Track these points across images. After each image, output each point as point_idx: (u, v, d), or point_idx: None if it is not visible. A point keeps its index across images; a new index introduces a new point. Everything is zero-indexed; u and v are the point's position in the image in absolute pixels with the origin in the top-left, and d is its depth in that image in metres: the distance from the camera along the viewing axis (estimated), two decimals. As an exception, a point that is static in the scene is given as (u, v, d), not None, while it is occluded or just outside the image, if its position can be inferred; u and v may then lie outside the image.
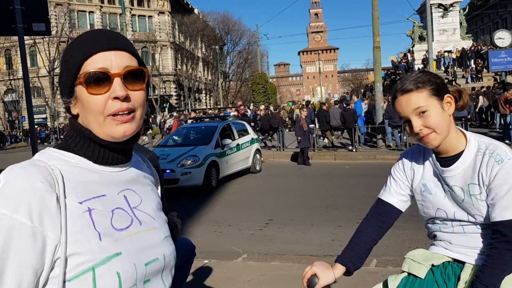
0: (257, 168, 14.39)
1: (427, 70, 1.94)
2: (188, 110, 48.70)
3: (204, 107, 67.84)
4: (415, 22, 35.92)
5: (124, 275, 1.08)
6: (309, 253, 6.04)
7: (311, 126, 18.83)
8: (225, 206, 9.78)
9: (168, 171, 10.74)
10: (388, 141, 17.41)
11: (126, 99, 1.13)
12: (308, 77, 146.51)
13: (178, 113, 39.42)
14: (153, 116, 43.17)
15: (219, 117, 16.61)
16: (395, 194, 2.06)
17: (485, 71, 27.61)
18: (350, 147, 17.44)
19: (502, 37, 23.79)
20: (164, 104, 58.28)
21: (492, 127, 20.86)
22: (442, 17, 33.30)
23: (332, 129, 18.36)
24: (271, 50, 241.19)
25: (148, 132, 21.64)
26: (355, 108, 18.80)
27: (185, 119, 27.68)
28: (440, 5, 32.96)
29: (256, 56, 57.72)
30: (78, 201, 1.09)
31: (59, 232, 1.03)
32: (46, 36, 46.68)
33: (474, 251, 1.86)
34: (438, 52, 31.30)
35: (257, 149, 14.63)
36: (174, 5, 70.88)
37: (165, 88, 65.77)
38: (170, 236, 1.29)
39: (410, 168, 2.04)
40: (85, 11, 61.76)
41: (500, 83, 23.85)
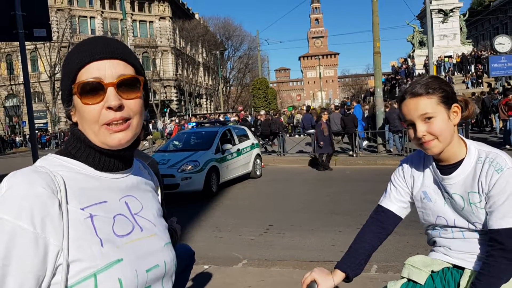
0: (258, 173, 14.37)
1: (437, 75, 1.95)
2: (188, 115, 48.78)
3: (205, 112, 67.92)
4: (415, 28, 36.00)
5: (125, 282, 1.08)
6: (309, 258, 6.02)
7: (312, 131, 18.84)
8: (225, 211, 9.76)
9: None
10: (389, 146, 17.40)
11: (120, 108, 1.13)
12: (308, 82, 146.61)
13: (179, 118, 39.44)
14: (154, 121, 43.23)
15: (219, 122, 16.62)
16: (395, 201, 2.06)
17: (485, 76, 27.63)
18: (351, 152, 17.45)
19: (502, 43, 23.82)
20: (165, 109, 58.32)
21: (484, 131, 20.88)
22: (442, 22, 33.37)
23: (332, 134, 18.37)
24: (271, 55, 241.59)
25: (148, 137, 21.63)
26: (354, 113, 18.81)
27: (185, 124, 27.68)
28: (440, 11, 33.04)
29: (257, 61, 57.82)
30: (80, 207, 1.09)
31: (61, 238, 1.03)
32: (47, 42, 46.77)
33: (473, 257, 1.86)
34: (438, 57, 31.34)
35: (258, 154, 14.62)
36: (175, 10, 71.07)
37: (165, 93, 65.84)
38: (170, 242, 1.29)
39: (410, 175, 2.04)
40: (86, 17, 61.91)
41: (493, 89, 23.91)
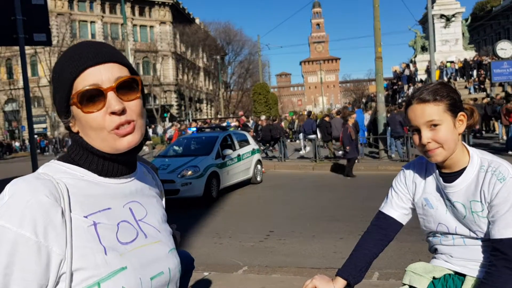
0: (258, 179, 14.34)
1: (445, 82, 1.92)
2: (189, 120, 48.81)
3: (205, 117, 68.00)
4: (417, 33, 36.04)
5: None
6: (311, 265, 5.98)
7: (313, 136, 18.82)
8: (225, 217, 9.73)
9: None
10: (391, 152, 17.36)
11: (123, 111, 1.12)
12: (309, 87, 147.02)
13: (179, 123, 39.47)
14: (154, 126, 43.27)
15: (219, 127, 16.61)
16: (396, 207, 2.06)
17: (488, 82, 27.63)
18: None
19: (504, 48, 23.81)
20: (165, 114, 58.39)
21: (482, 137, 20.88)
22: (445, 27, 33.40)
23: (333, 139, 18.35)
24: (272, 60, 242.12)
25: (147, 142, 21.65)
26: (356, 119, 18.78)
27: (186, 129, 27.69)
28: (442, 16, 33.09)
29: (258, 66, 57.83)
30: (84, 215, 1.08)
31: (64, 247, 1.02)
32: (47, 46, 46.91)
33: (475, 264, 1.86)
34: (440, 63, 31.36)
35: (258, 160, 14.59)
36: (175, 15, 71.33)
37: (166, 98, 65.98)
38: (175, 248, 1.29)
39: (412, 182, 2.03)
40: (86, 21, 62.15)
41: (488, 96, 23.98)
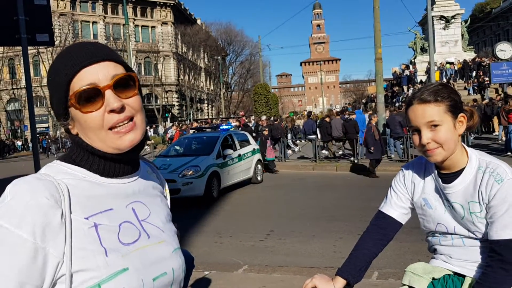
0: (259, 179, 14.36)
1: (446, 83, 1.91)
2: (190, 120, 48.77)
3: (206, 117, 67.95)
4: (417, 34, 36.03)
5: None
6: (311, 265, 6.00)
7: (313, 137, 18.83)
8: (226, 216, 9.75)
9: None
10: (390, 152, 17.38)
11: (122, 109, 1.11)
12: (310, 88, 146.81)
13: (180, 123, 39.46)
14: (155, 126, 43.23)
15: (212, 128, 16.81)
16: (395, 207, 2.06)
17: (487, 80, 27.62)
18: (352, 158, 17.42)
19: (503, 49, 23.80)
20: (166, 114, 58.37)
21: (481, 137, 20.90)
22: (444, 29, 33.41)
23: (333, 140, 18.36)
24: (273, 61, 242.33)
25: (148, 142, 21.64)
26: (355, 119, 18.79)
27: (187, 129, 27.70)
28: (441, 17, 33.09)
29: (258, 66, 57.81)
30: (84, 217, 1.07)
31: (62, 249, 1.02)
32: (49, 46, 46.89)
33: (474, 264, 1.86)
34: (440, 64, 31.35)
35: (259, 160, 14.61)
36: (177, 16, 71.32)
37: (167, 98, 65.96)
38: (179, 248, 1.27)
39: (411, 182, 2.03)
40: (88, 22, 62.17)
41: (489, 99, 23.98)
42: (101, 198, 1.13)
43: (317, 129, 19.50)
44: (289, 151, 21.19)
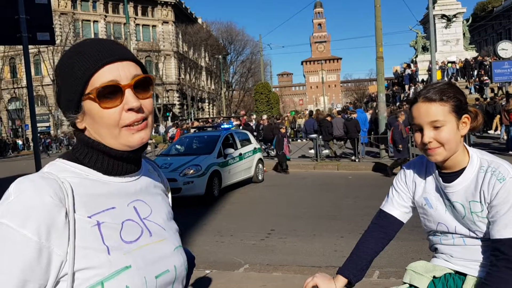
0: (260, 178, 14.37)
1: (453, 82, 1.91)
2: (191, 119, 48.78)
3: (207, 116, 67.99)
4: (418, 33, 35.97)
5: None
6: (311, 264, 6.01)
7: (314, 136, 18.82)
8: (227, 215, 9.75)
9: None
10: (391, 151, 17.35)
11: (140, 109, 1.13)
12: (311, 87, 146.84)
13: (181, 122, 39.46)
14: (156, 125, 43.20)
15: (212, 127, 16.78)
16: (397, 206, 2.06)
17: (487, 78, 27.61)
18: (353, 157, 17.42)
19: (505, 48, 23.81)
20: (167, 113, 58.38)
21: (482, 136, 20.90)
22: (445, 27, 33.35)
23: (335, 139, 18.36)
24: (274, 60, 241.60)
25: (149, 141, 21.67)
26: (356, 118, 18.78)
27: (188, 128, 27.70)
28: (443, 16, 33.05)
29: (259, 65, 57.83)
30: (87, 215, 1.08)
31: (65, 248, 1.02)
32: (50, 45, 46.94)
33: (475, 263, 1.86)
34: (441, 63, 31.33)
35: (260, 159, 14.61)
36: (178, 15, 71.29)
37: (168, 97, 65.97)
38: (181, 246, 1.28)
39: (412, 181, 2.03)
40: (89, 21, 62.15)
41: (490, 98, 23.97)
42: (104, 196, 1.13)
43: (319, 128, 19.49)
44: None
